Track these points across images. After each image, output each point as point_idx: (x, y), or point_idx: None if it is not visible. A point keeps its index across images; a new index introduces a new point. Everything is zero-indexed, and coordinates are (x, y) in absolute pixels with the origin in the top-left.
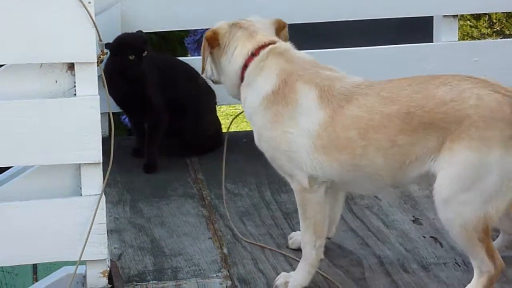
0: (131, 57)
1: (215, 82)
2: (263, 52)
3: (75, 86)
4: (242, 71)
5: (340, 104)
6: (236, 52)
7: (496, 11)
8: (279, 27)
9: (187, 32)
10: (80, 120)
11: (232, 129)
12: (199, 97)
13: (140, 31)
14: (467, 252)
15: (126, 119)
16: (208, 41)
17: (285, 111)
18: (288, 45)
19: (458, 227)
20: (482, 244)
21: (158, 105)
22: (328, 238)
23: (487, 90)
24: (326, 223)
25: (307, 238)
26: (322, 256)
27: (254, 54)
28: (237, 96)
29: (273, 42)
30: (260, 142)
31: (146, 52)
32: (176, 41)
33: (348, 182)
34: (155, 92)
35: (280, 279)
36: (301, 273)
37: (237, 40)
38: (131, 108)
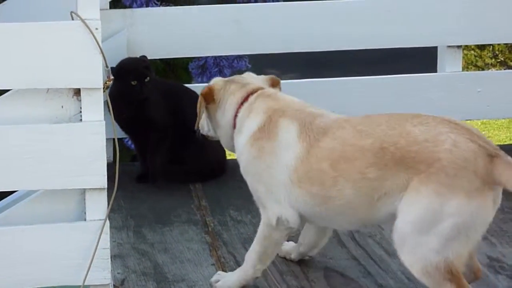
0: (133, 83)
1: (211, 138)
2: (252, 98)
3: (81, 112)
4: (233, 119)
5: (317, 137)
6: (228, 103)
7: (499, 42)
8: (273, 84)
9: (191, 58)
10: (86, 146)
11: (235, 157)
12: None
13: (143, 56)
14: None
15: (130, 142)
16: (203, 97)
17: (267, 146)
18: (277, 90)
19: (419, 268)
20: (450, 283)
21: (161, 125)
22: (309, 256)
23: (464, 138)
24: (273, 257)
25: (250, 257)
26: (259, 275)
27: (244, 102)
28: (232, 149)
29: (262, 88)
30: (246, 177)
31: (148, 78)
32: (180, 67)
33: (320, 216)
34: (158, 112)
35: (215, 277)
36: (234, 278)
37: (230, 93)
38: (134, 131)
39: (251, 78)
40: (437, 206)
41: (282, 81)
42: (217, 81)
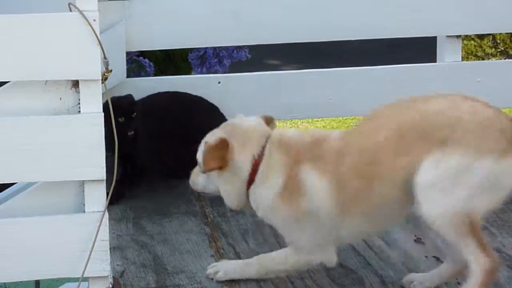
0: (120, 119)
1: (207, 195)
2: (266, 151)
3: (79, 103)
4: (250, 176)
5: (336, 165)
6: (239, 161)
7: (499, 32)
8: (267, 123)
9: (191, 48)
10: (84, 137)
11: None
12: (202, 125)
13: (129, 95)
14: (457, 246)
15: None
16: (219, 164)
17: (298, 197)
18: (280, 131)
19: (444, 219)
20: (471, 236)
21: (144, 163)
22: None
23: (481, 104)
24: None
25: (262, 264)
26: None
27: (258, 156)
28: (241, 205)
29: (268, 136)
30: (283, 230)
31: (135, 113)
32: (179, 57)
33: (370, 228)
34: (145, 152)
35: (212, 268)
36: (236, 269)
37: (235, 148)
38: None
39: (245, 122)
40: (465, 163)
41: (282, 72)
42: (223, 136)
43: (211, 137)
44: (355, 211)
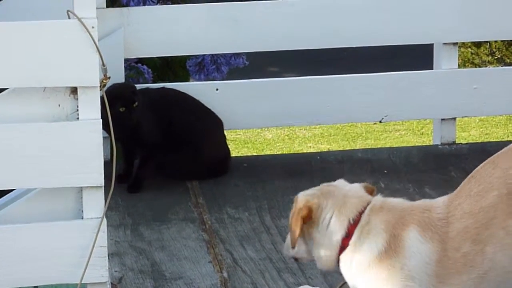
0: (121, 109)
1: (300, 260)
2: (364, 217)
3: (78, 110)
4: (343, 241)
5: (443, 230)
6: (332, 224)
7: (496, 39)
8: (368, 192)
9: (189, 55)
10: (83, 144)
11: (233, 155)
12: (198, 127)
13: (131, 83)
14: None
15: None
16: (303, 219)
17: (397, 262)
18: (380, 198)
19: None
20: None
21: (151, 143)
22: None
23: None
24: None
25: None
26: None
27: (355, 221)
28: (331, 268)
29: (368, 203)
30: None
31: (136, 103)
32: (178, 64)
33: None
34: (149, 131)
35: None
36: None
37: (330, 210)
38: (124, 143)
39: (345, 186)
40: None
41: (279, 79)
42: (310, 198)
43: (303, 197)
44: (455, 282)
